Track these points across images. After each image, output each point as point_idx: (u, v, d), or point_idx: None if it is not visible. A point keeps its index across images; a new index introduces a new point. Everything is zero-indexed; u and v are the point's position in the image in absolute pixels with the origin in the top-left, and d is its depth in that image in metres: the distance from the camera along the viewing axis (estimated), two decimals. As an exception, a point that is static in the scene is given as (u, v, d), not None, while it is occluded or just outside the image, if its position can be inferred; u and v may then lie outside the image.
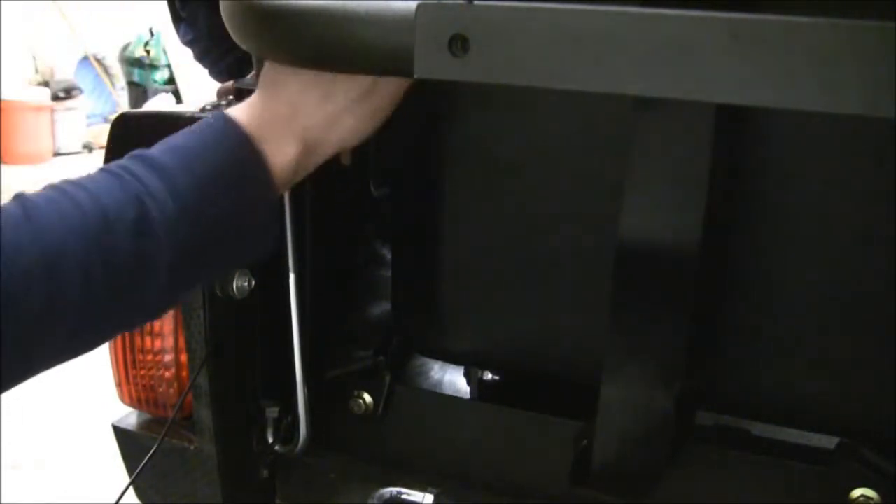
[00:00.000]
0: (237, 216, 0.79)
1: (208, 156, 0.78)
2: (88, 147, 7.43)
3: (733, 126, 0.85)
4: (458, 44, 0.71)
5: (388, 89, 0.89)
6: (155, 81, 8.23)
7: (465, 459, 1.13)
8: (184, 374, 1.08)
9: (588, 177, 0.97)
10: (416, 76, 0.74)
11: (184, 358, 1.06)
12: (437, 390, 1.25)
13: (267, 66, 0.89)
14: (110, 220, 0.71)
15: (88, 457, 2.81)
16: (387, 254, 1.28)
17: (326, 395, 1.14)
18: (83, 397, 3.09)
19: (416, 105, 1.06)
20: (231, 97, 1.05)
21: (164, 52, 8.14)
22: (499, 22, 0.71)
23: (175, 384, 1.10)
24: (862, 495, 0.95)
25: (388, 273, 1.22)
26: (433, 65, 0.73)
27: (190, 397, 1.06)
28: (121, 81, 8.12)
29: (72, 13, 7.45)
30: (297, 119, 0.84)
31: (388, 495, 1.09)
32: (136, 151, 0.79)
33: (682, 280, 0.89)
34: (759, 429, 1.09)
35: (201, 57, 1.86)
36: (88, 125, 7.60)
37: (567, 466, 1.03)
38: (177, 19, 1.85)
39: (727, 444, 1.05)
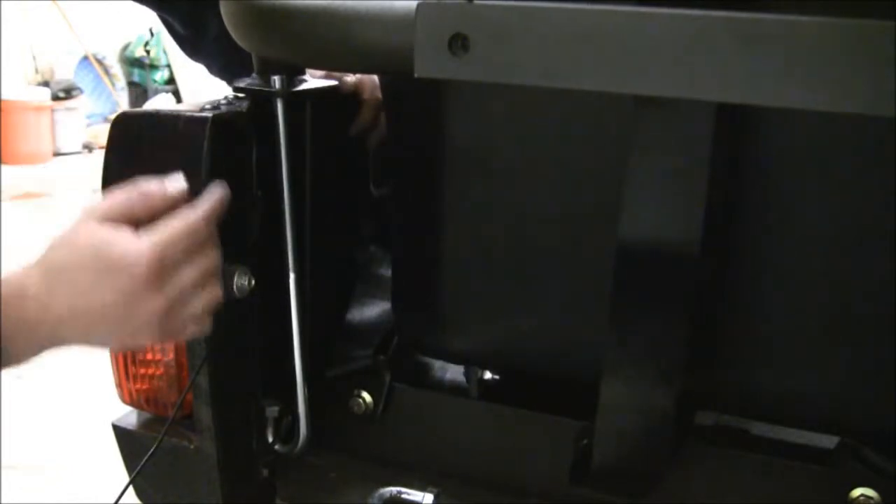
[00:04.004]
0: None
1: None
2: (88, 147, 7.42)
3: (733, 125, 0.85)
4: (459, 43, 0.72)
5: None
6: (155, 81, 8.22)
7: (466, 459, 1.13)
8: (184, 373, 1.07)
9: (588, 177, 0.97)
10: (416, 75, 0.74)
11: (184, 357, 1.06)
12: (437, 390, 1.24)
13: (52, 247, 0.84)
14: None
15: (88, 456, 2.81)
16: (387, 254, 1.28)
17: (326, 394, 1.14)
18: (82, 397, 3.09)
19: (417, 105, 1.06)
20: (230, 97, 1.05)
21: (164, 52, 8.13)
22: (499, 21, 0.71)
23: (175, 383, 1.10)
24: (862, 495, 0.96)
25: (388, 273, 1.22)
26: (433, 64, 0.73)
27: (190, 396, 1.06)
28: (121, 81, 8.11)
29: (72, 13, 7.45)
30: (48, 316, 0.81)
31: (388, 495, 1.09)
32: None
33: (682, 280, 0.89)
34: (759, 429, 1.09)
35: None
36: (88, 125, 7.60)
37: (567, 466, 1.03)
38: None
39: (727, 444, 1.05)
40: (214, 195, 0.91)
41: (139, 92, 8.19)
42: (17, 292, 0.80)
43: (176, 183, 0.89)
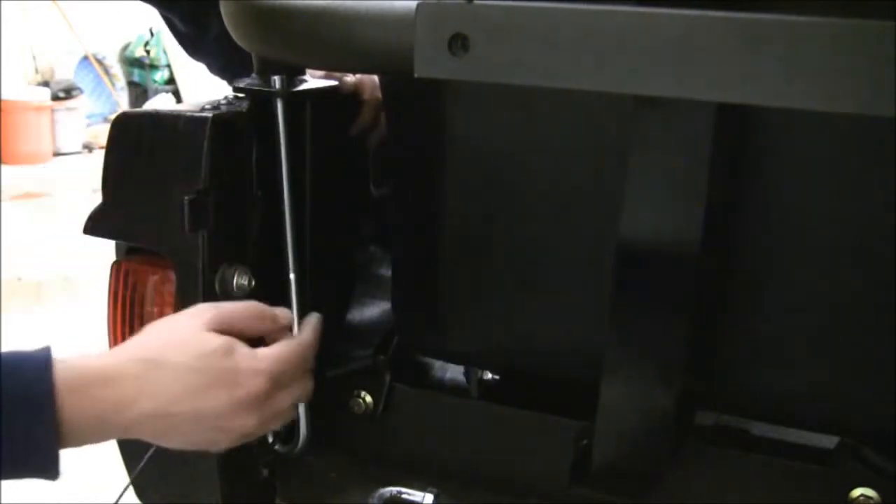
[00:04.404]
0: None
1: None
2: (88, 147, 7.43)
3: (733, 125, 0.85)
4: (459, 43, 0.72)
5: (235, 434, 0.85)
6: (155, 81, 8.23)
7: (466, 459, 1.13)
8: (184, 373, 1.07)
9: (588, 176, 0.97)
10: (416, 75, 0.74)
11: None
12: (437, 390, 1.24)
13: (152, 341, 0.82)
14: None
15: (88, 456, 2.80)
16: (387, 254, 1.28)
17: (326, 394, 1.14)
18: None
19: (417, 105, 1.06)
20: (230, 97, 1.05)
21: (164, 52, 8.14)
22: (499, 21, 0.71)
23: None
24: (862, 495, 0.95)
25: (388, 273, 1.22)
26: (433, 64, 0.73)
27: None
28: (121, 81, 8.12)
29: (72, 13, 7.45)
30: (129, 411, 0.78)
31: (388, 495, 1.09)
32: None
33: (682, 280, 0.89)
34: (759, 429, 1.09)
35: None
36: (88, 125, 7.60)
37: (567, 466, 1.03)
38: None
39: (727, 444, 1.05)
40: (314, 324, 0.95)
41: (139, 92, 8.19)
42: (97, 380, 0.77)
43: (285, 313, 0.94)
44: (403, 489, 1.09)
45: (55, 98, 7.31)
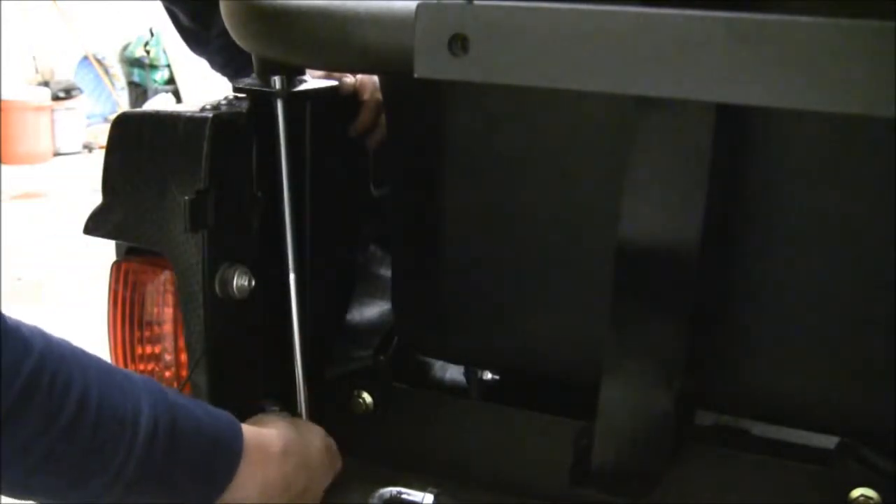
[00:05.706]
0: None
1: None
2: (88, 147, 7.43)
3: (733, 126, 0.85)
4: (458, 43, 0.72)
5: None
6: (155, 81, 8.23)
7: (465, 459, 1.13)
8: (184, 373, 1.07)
9: (588, 177, 0.97)
10: (416, 76, 0.74)
11: (184, 357, 1.06)
12: (437, 390, 1.25)
13: (302, 446, 1.00)
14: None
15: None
16: (387, 254, 1.28)
17: (326, 394, 1.14)
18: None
19: (417, 105, 1.06)
20: (230, 97, 1.05)
21: (164, 52, 8.14)
22: (499, 22, 0.71)
23: (174, 384, 1.10)
24: (862, 495, 0.95)
25: (388, 273, 1.22)
26: (433, 64, 0.73)
27: (190, 397, 1.06)
28: (121, 81, 8.12)
29: (72, 13, 7.45)
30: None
31: (388, 495, 1.09)
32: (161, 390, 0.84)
33: (682, 280, 0.89)
34: (759, 429, 1.09)
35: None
36: (88, 125, 7.60)
37: (567, 466, 1.03)
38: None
39: (727, 444, 1.05)
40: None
41: (139, 92, 8.19)
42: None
43: None
44: (403, 489, 1.09)
45: (55, 98, 7.31)
